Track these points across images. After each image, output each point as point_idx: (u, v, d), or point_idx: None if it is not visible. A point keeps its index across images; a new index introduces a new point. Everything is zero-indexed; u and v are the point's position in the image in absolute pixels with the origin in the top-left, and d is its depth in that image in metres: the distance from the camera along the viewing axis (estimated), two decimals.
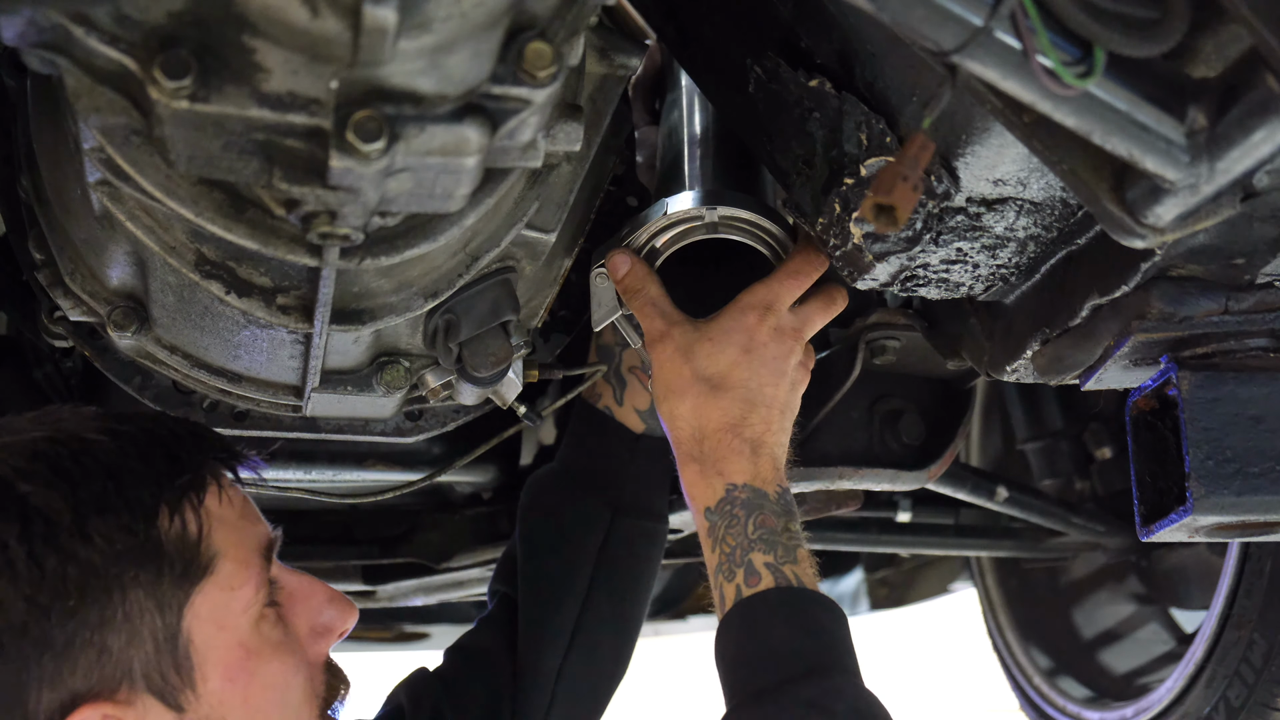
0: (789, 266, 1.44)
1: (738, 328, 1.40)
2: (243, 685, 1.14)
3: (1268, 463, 1.28)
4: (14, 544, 1.05)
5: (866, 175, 1.27)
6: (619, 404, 1.68)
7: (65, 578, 1.06)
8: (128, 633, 1.08)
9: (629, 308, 1.47)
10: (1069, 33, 0.89)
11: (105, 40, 0.94)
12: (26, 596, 1.05)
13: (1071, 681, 2.47)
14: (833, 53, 1.30)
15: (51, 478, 1.08)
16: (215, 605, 1.13)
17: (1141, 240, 1.01)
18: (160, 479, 1.12)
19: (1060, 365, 1.37)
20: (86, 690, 1.06)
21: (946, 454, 1.83)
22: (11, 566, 1.04)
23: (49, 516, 1.06)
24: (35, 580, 1.05)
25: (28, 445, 1.11)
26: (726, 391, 1.38)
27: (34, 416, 1.17)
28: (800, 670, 1.27)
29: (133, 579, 1.08)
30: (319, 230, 1.08)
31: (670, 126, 1.64)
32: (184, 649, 1.11)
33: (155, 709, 1.09)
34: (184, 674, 1.11)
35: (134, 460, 1.12)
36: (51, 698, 1.05)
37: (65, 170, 1.29)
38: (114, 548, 1.08)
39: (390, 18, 0.85)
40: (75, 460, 1.10)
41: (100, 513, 1.08)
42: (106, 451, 1.12)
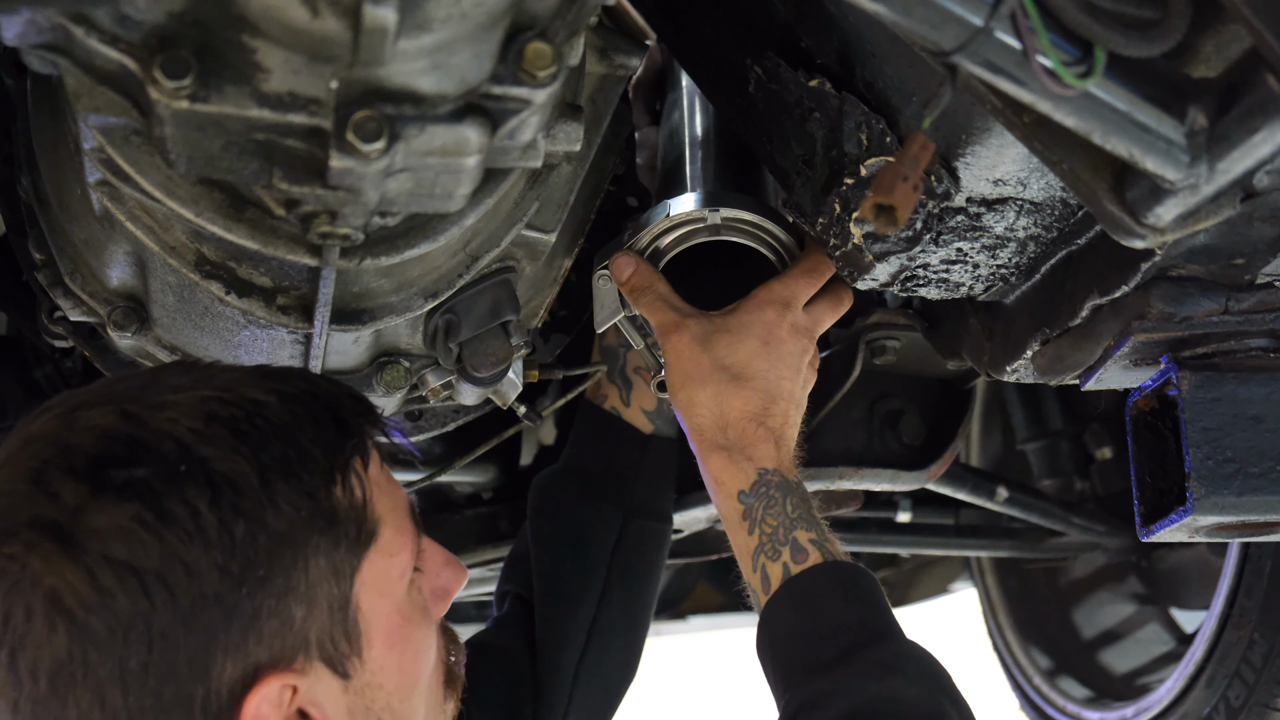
0: (804, 265, 1.45)
1: (757, 321, 1.41)
2: (398, 652, 1.13)
3: (1268, 463, 1.28)
4: (205, 511, 1.01)
5: (866, 175, 1.27)
6: (626, 405, 1.68)
7: (256, 546, 1.03)
8: (309, 601, 1.06)
9: (636, 307, 1.47)
10: (1069, 33, 0.89)
11: (105, 40, 0.94)
12: (219, 565, 1.01)
13: (1071, 681, 2.47)
14: (833, 53, 1.30)
15: (233, 441, 1.04)
16: (378, 572, 1.11)
17: (1141, 240, 1.01)
18: (331, 443, 1.09)
19: (1060, 365, 1.37)
20: (268, 660, 1.04)
21: (946, 454, 1.83)
22: (204, 535, 1.01)
23: (236, 483, 1.03)
24: (227, 548, 1.02)
25: (198, 405, 1.06)
26: (748, 381, 1.39)
27: (180, 370, 1.13)
28: (864, 637, 1.29)
29: (315, 546, 1.06)
30: (319, 230, 1.08)
31: (671, 128, 1.64)
32: (353, 617, 1.09)
33: (325, 677, 1.07)
34: (352, 641, 1.09)
35: (306, 423, 1.09)
36: (235, 669, 1.03)
37: (65, 170, 1.29)
38: (299, 514, 1.05)
39: (390, 18, 0.85)
40: (251, 423, 1.06)
41: (285, 478, 1.05)
42: (278, 413, 1.08)
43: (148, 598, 0.99)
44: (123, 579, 0.99)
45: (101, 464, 1.02)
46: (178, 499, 1.01)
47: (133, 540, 0.99)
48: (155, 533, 1.00)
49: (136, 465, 1.01)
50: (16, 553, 1.00)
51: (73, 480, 1.01)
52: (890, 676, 1.25)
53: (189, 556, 1.00)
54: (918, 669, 1.27)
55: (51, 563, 0.99)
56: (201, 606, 1.01)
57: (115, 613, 0.99)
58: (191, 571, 1.00)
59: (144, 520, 1.00)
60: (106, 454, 1.02)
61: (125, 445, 1.03)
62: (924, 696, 1.25)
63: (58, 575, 0.99)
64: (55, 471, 1.02)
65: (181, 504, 1.01)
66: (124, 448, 1.02)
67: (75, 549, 0.99)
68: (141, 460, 1.02)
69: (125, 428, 1.04)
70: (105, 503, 1.00)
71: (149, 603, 0.99)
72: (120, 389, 1.09)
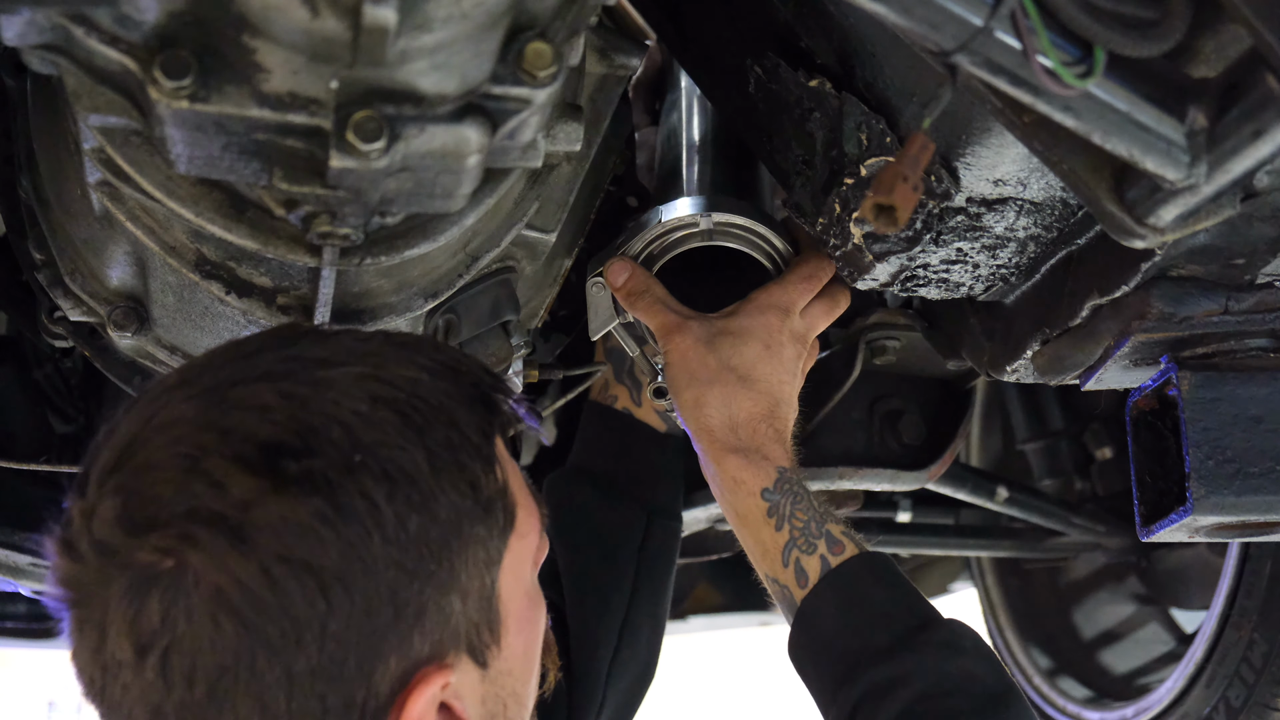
0: (801, 271, 1.44)
1: (759, 325, 1.41)
2: (526, 635, 1.08)
3: (1268, 463, 1.28)
4: (384, 505, 0.95)
5: (866, 175, 1.27)
6: (637, 405, 1.68)
7: (429, 539, 0.97)
8: (465, 593, 1.00)
9: (633, 312, 1.47)
10: (1069, 33, 0.89)
11: (105, 40, 0.94)
12: (396, 561, 0.95)
13: (1071, 681, 2.47)
14: (833, 53, 1.30)
15: (402, 428, 0.97)
16: (515, 556, 1.06)
17: (1141, 240, 1.01)
18: (483, 423, 1.03)
19: (1060, 365, 1.37)
20: (426, 656, 0.98)
21: (946, 454, 1.83)
22: (381, 529, 0.95)
23: (410, 473, 0.96)
24: (404, 543, 0.95)
25: (357, 386, 0.98)
26: (754, 383, 1.40)
27: (313, 339, 1.04)
28: (916, 622, 1.30)
29: (474, 536, 1.00)
30: (319, 230, 1.08)
31: (669, 130, 1.64)
32: (495, 605, 1.03)
33: (469, 669, 1.01)
34: (494, 630, 1.03)
35: (459, 403, 1.02)
36: (398, 667, 0.96)
37: (65, 170, 1.29)
38: (464, 503, 0.99)
39: (390, 18, 0.85)
40: (412, 405, 0.99)
41: (452, 465, 0.99)
42: (434, 393, 1.01)
43: (325, 599, 0.93)
44: (301, 579, 0.92)
45: (274, 453, 0.94)
46: (356, 492, 0.94)
47: (311, 538, 0.92)
48: (335, 529, 0.93)
49: (310, 455, 0.94)
50: (171, 546, 0.92)
51: (242, 470, 0.93)
52: (955, 655, 1.27)
53: (367, 554, 0.94)
54: (974, 646, 1.29)
55: (218, 559, 0.91)
56: (376, 606, 0.95)
57: (291, 615, 0.92)
58: (369, 569, 0.94)
59: (324, 516, 0.93)
60: (276, 442, 0.94)
61: (295, 432, 0.95)
62: (990, 672, 1.27)
63: (226, 573, 0.91)
64: (217, 459, 0.93)
65: (361, 497, 0.94)
66: (294, 435, 0.95)
67: (246, 545, 0.92)
68: (314, 450, 0.94)
69: (288, 409, 0.96)
70: (284, 497, 0.93)
71: (326, 604, 0.93)
72: (263, 363, 1.00)
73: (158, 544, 0.92)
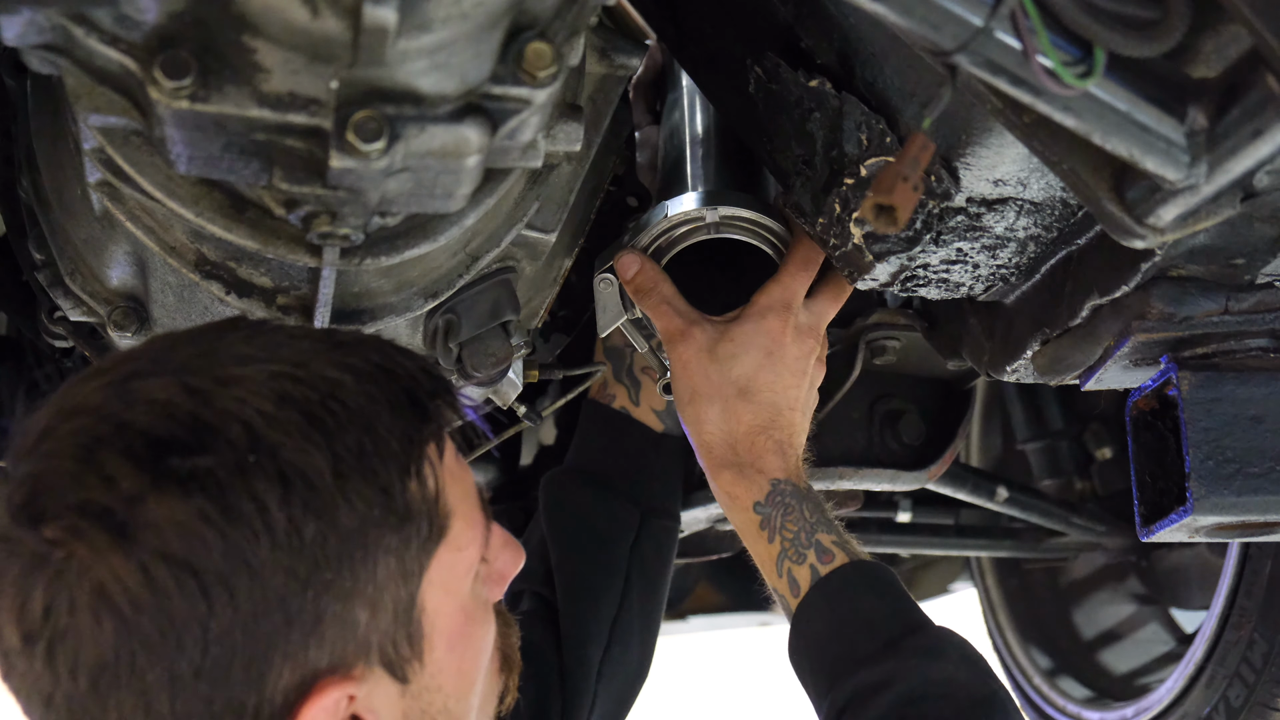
0: (796, 258, 1.44)
1: (760, 331, 1.41)
2: (459, 653, 1.05)
3: (1268, 463, 1.28)
4: (275, 509, 0.92)
5: (866, 175, 1.27)
6: (635, 405, 1.68)
7: (325, 547, 0.94)
8: (373, 604, 0.97)
9: (641, 309, 1.47)
10: (1069, 33, 0.89)
11: (105, 40, 0.94)
12: (285, 567, 0.93)
13: (1071, 681, 2.47)
14: (833, 53, 1.30)
15: (307, 429, 0.94)
16: (445, 569, 1.03)
17: (1141, 240, 1.01)
18: (408, 430, 1.00)
19: (1060, 365, 1.37)
20: (326, 667, 0.96)
21: (946, 454, 1.83)
22: (271, 534, 0.92)
23: (309, 478, 0.94)
24: (295, 549, 0.93)
25: (268, 384, 0.96)
26: (754, 395, 1.40)
27: (243, 335, 1.01)
28: (902, 629, 1.31)
29: (385, 546, 0.97)
30: (319, 230, 1.08)
31: (671, 127, 1.64)
32: (417, 619, 1.01)
33: (384, 682, 0.99)
34: (414, 645, 1.01)
35: (383, 407, 0.99)
36: (291, 676, 0.95)
37: (65, 170, 1.29)
38: (372, 512, 0.96)
39: (390, 18, 0.85)
40: (325, 407, 0.96)
41: (360, 473, 0.96)
42: (354, 395, 0.98)
43: (206, 600, 0.91)
44: (180, 579, 0.91)
45: (164, 449, 0.92)
46: (246, 494, 0.92)
47: (194, 538, 0.91)
48: (219, 530, 0.91)
49: (202, 453, 0.92)
50: (60, 538, 0.91)
51: (131, 465, 0.92)
52: (937, 661, 1.27)
53: (254, 558, 0.92)
54: (958, 653, 1.30)
55: (101, 554, 0.91)
56: (263, 611, 0.93)
57: (169, 614, 0.91)
58: (255, 574, 0.92)
59: (208, 516, 0.91)
60: (169, 438, 0.93)
61: (189, 429, 0.93)
62: (972, 677, 1.27)
63: (107, 568, 0.91)
64: (109, 452, 0.92)
65: (249, 500, 0.92)
66: (188, 431, 0.93)
67: (129, 541, 0.91)
68: (207, 447, 0.93)
69: (189, 405, 0.94)
70: (167, 494, 0.91)
71: (207, 606, 0.91)
72: (179, 357, 0.99)
73: (48, 534, 0.91)
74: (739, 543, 1.46)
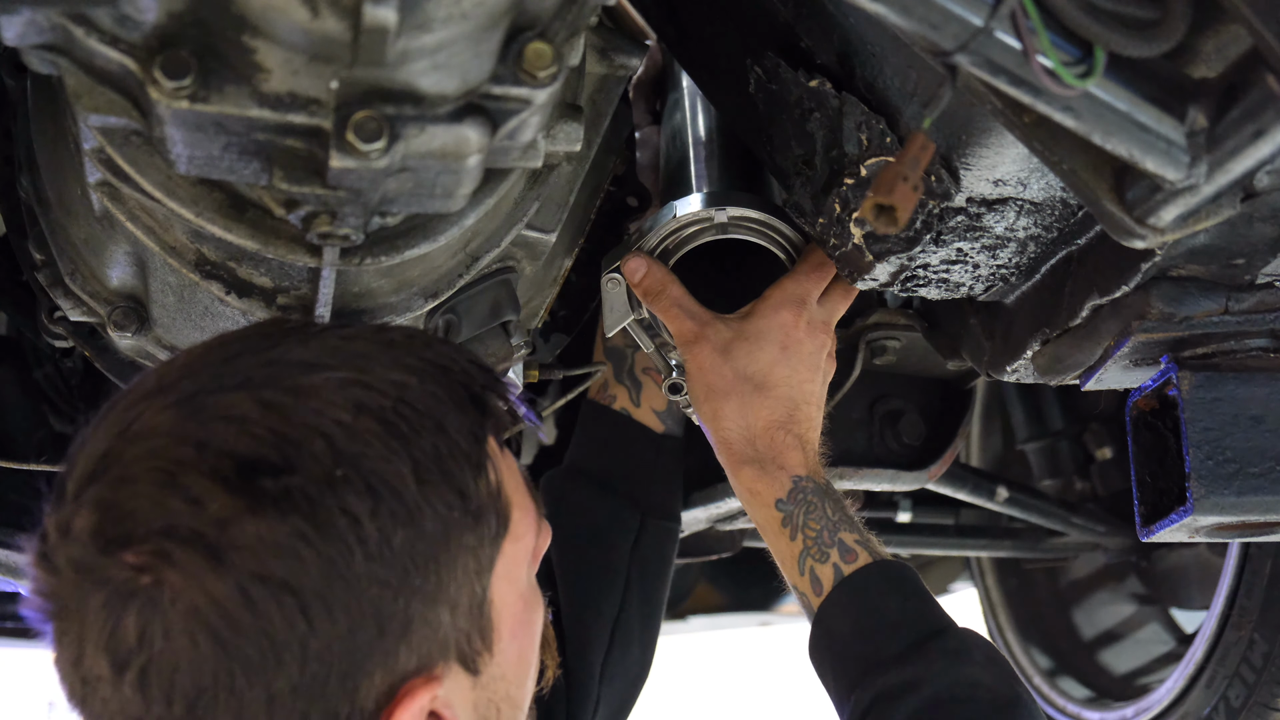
0: (812, 260, 1.44)
1: (774, 325, 1.41)
2: (520, 640, 1.06)
3: (1268, 463, 1.28)
4: (367, 522, 0.92)
5: (866, 175, 1.27)
6: (636, 405, 1.68)
7: (414, 553, 0.94)
8: (453, 604, 0.98)
9: (652, 310, 1.47)
10: (1069, 33, 0.89)
11: (105, 40, 0.94)
12: (380, 579, 0.93)
13: (1071, 681, 2.47)
14: (833, 53, 1.30)
15: (386, 438, 0.94)
16: (508, 560, 1.03)
17: (1142, 240, 1.01)
18: (474, 427, 1.00)
19: (1060, 365, 1.37)
20: (413, 669, 0.96)
21: (946, 454, 1.83)
22: (364, 546, 0.92)
23: (394, 486, 0.94)
24: (387, 559, 0.93)
25: (341, 392, 0.95)
26: (770, 390, 1.40)
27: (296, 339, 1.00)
28: (927, 630, 1.31)
29: (463, 546, 0.98)
30: (319, 230, 1.08)
31: (673, 128, 1.64)
32: (488, 612, 1.01)
33: (459, 677, 1.00)
34: (485, 637, 1.02)
35: (449, 406, 0.99)
36: (383, 682, 0.95)
37: (65, 170, 1.29)
38: (452, 514, 0.97)
39: (390, 18, 0.85)
40: (398, 413, 0.96)
41: (440, 475, 0.96)
42: (421, 397, 0.98)
43: (305, 619, 0.91)
44: (280, 599, 0.90)
45: (251, 469, 0.92)
46: (338, 509, 0.92)
47: (291, 557, 0.90)
48: (315, 548, 0.91)
49: (290, 471, 0.92)
50: (148, 563, 0.90)
51: (220, 487, 0.91)
52: (962, 664, 1.27)
53: (349, 572, 0.92)
54: (983, 655, 1.30)
55: (195, 578, 0.89)
56: (359, 624, 0.93)
57: (270, 635, 0.90)
58: (351, 587, 0.92)
59: (304, 535, 0.91)
60: (255, 457, 0.92)
61: (273, 446, 0.93)
62: (997, 680, 1.27)
63: (203, 592, 0.89)
64: (194, 475, 0.91)
65: (342, 514, 0.92)
66: (272, 449, 0.92)
67: (222, 564, 0.90)
68: (294, 464, 0.92)
69: (267, 421, 0.93)
70: (261, 516, 0.90)
71: (307, 624, 0.91)
72: (243, 368, 0.98)
73: (134, 561, 0.90)
74: (739, 543, 1.46)
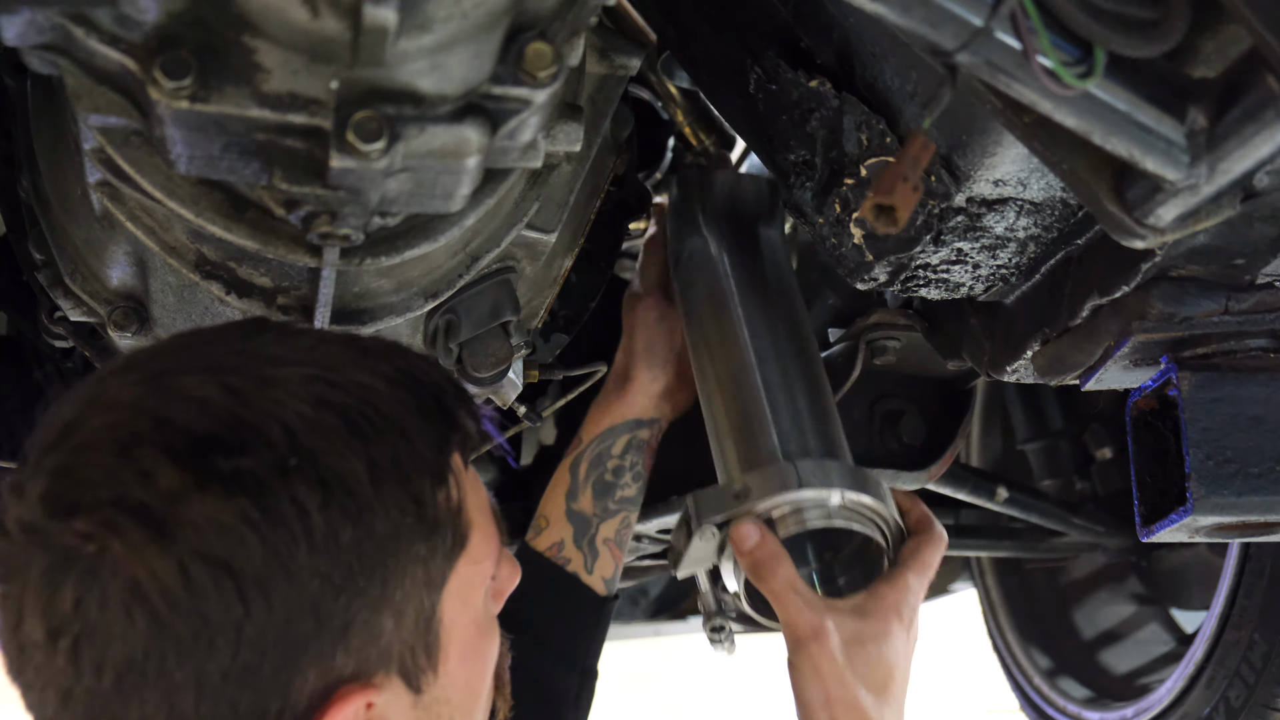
0: (920, 561, 1.37)
1: (892, 633, 1.32)
2: (469, 666, 1.05)
3: (1268, 463, 1.28)
4: (315, 513, 0.91)
5: (866, 175, 1.27)
6: (589, 571, 1.66)
7: (361, 553, 0.93)
8: (399, 613, 0.97)
9: (758, 584, 1.34)
10: (1069, 33, 0.89)
11: (105, 40, 0.94)
12: (322, 573, 0.92)
13: (1071, 682, 2.47)
14: (833, 53, 1.30)
15: (346, 435, 0.94)
16: (464, 581, 1.02)
17: (1141, 240, 1.01)
18: (438, 438, 1.00)
19: (1060, 365, 1.37)
20: (350, 674, 0.95)
21: (946, 454, 1.83)
22: (309, 538, 0.91)
23: (347, 483, 0.93)
24: (332, 554, 0.92)
25: (305, 387, 0.95)
26: (890, 698, 1.31)
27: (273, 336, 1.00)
28: None
29: (414, 555, 0.97)
30: (319, 230, 1.08)
31: (720, 328, 1.53)
32: (435, 629, 1.01)
33: (400, 691, 0.99)
34: (431, 655, 1.01)
35: (414, 414, 0.98)
36: (317, 681, 0.94)
37: (65, 171, 1.29)
38: (405, 520, 0.96)
39: (390, 18, 0.85)
40: (361, 413, 0.95)
41: (395, 479, 0.95)
42: (387, 401, 0.97)
43: (243, 603, 0.90)
44: (218, 580, 0.89)
45: (205, 448, 0.91)
46: (287, 496, 0.91)
47: (234, 539, 0.90)
48: (259, 533, 0.90)
49: (244, 453, 0.91)
50: (94, 532, 0.89)
51: (171, 463, 0.90)
52: None
53: (291, 562, 0.91)
54: None
55: (138, 551, 0.89)
56: (296, 616, 0.92)
57: (204, 615, 0.90)
58: (292, 578, 0.91)
59: (249, 518, 0.90)
60: (210, 436, 0.91)
61: (230, 428, 0.92)
62: None
63: (144, 565, 0.89)
64: (149, 448, 0.91)
65: (291, 503, 0.91)
66: (230, 431, 0.92)
67: (167, 539, 0.89)
68: (249, 447, 0.91)
69: (228, 404, 0.93)
70: (209, 494, 0.90)
71: (243, 609, 0.90)
72: (213, 355, 0.98)
73: (80, 528, 0.90)
74: None
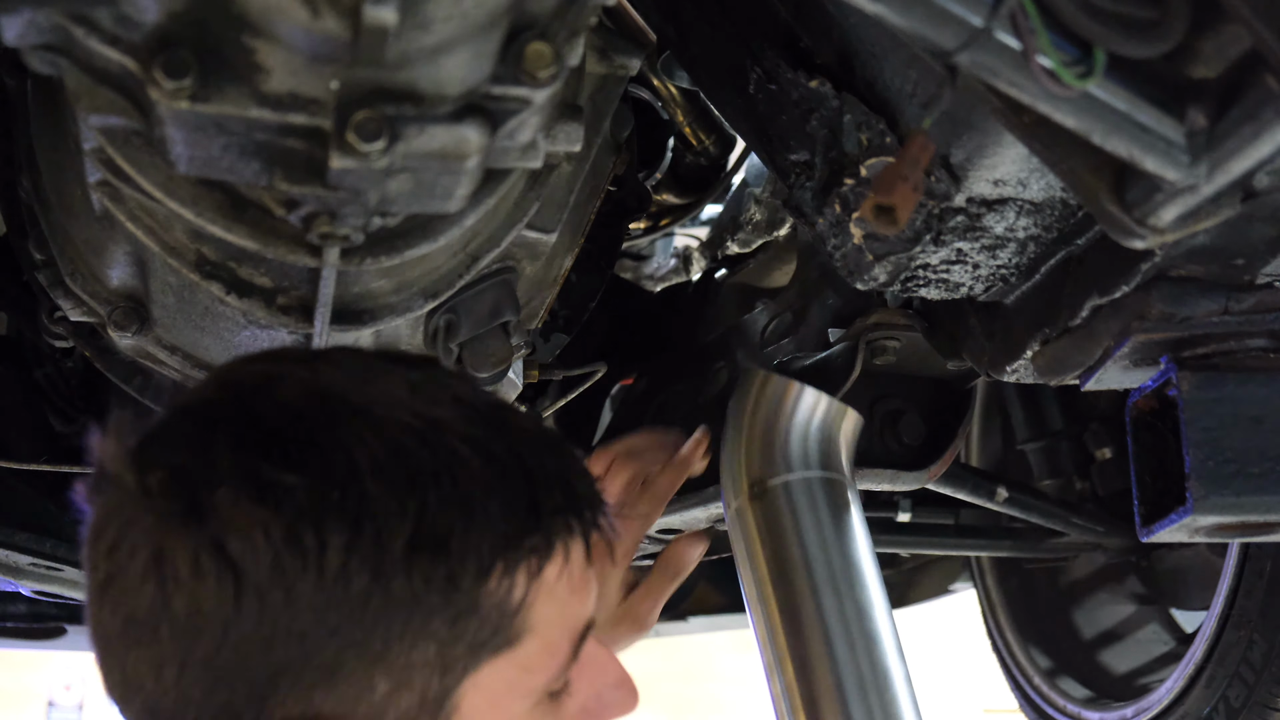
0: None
1: None
2: None
3: (1268, 463, 1.28)
4: (334, 551, 0.90)
5: (866, 175, 1.27)
6: None
7: (367, 607, 0.91)
8: (399, 680, 0.94)
9: None
10: (1069, 33, 0.89)
11: (105, 40, 0.94)
12: (319, 608, 0.91)
13: (1071, 681, 2.47)
14: (833, 53, 1.30)
15: (405, 493, 0.92)
16: (501, 681, 0.98)
17: (1141, 241, 1.01)
18: (511, 533, 0.95)
19: (1060, 366, 1.37)
20: (329, 715, 0.93)
21: (946, 454, 1.83)
22: (320, 572, 0.90)
23: (382, 537, 0.91)
24: (337, 597, 0.91)
25: (393, 433, 0.94)
26: None
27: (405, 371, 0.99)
28: None
29: (429, 631, 0.94)
30: (319, 230, 1.08)
31: None
32: (448, 714, 0.96)
33: None
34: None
35: (494, 500, 0.95)
36: (294, 707, 0.93)
37: (66, 170, 1.29)
38: (430, 595, 0.93)
39: (390, 18, 0.85)
40: (435, 481, 0.93)
41: (434, 553, 0.93)
42: (470, 478, 0.94)
43: (236, 603, 0.90)
44: (221, 575, 0.90)
45: (265, 452, 0.92)
46: (313, 525, 0.90)
47: (249, 544, 0.90)
48: (274, 548, 0.90)
49: (295, 471, 0.91)
50: (149, 488, 0.91)
51: (231, 453, 0.91)
52: None
53: (296, 586, 0.90)
54: None
55: (168, 523, 0.91)
56: (282, 638, 0.91)
57: (197, 600, 0.90)
58: (291, 601, 0.90)
59: (269, 531, 0.90)
60: (277, 443, 0.92)
61: (298, 444, 0.92)
62: None
63: (168, 538, 0.91)
64: (222, 432, 0.93)
65: (314, 533, 0.90)
66: (296, 446, 0.92)
67: (195, 522, 0.90)
68: (304, 467, 0.91)
69: (314, 422, 0.93)
70: (244, 494, 0.90)
71: (235, 608, 0.90)
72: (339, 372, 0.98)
73: (137, 482, 0.92)
74: None
